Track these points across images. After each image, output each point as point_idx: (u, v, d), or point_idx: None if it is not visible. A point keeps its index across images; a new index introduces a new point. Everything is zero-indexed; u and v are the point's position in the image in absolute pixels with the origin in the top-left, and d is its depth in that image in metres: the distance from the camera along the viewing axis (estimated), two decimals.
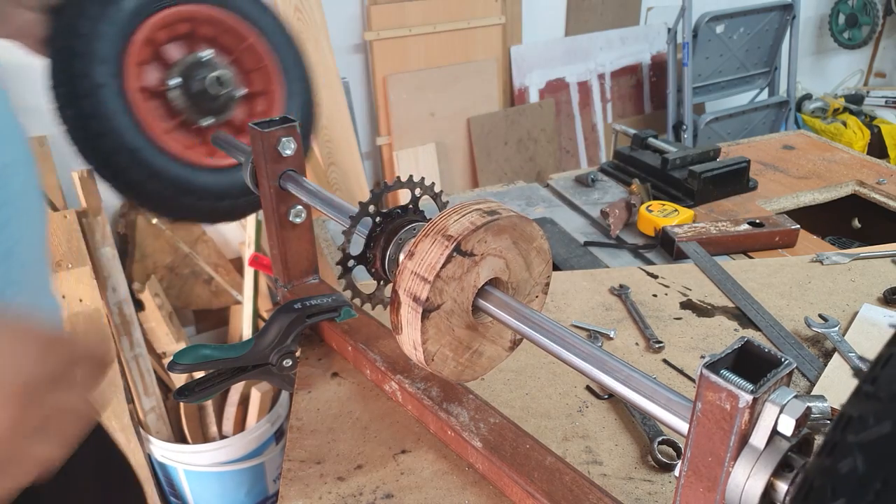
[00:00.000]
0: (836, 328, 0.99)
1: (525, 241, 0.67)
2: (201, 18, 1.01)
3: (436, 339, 0.65)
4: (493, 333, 0.71)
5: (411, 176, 0.78)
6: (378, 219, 0.76)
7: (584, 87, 3.46)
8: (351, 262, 0.76)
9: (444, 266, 0.61)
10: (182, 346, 2.09)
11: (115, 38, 0.92)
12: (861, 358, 0.94)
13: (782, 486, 0.43)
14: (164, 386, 2.09)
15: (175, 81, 1.00)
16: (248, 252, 2.23)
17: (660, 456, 0.77)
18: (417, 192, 0.78)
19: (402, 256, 0.67)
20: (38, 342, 0.47)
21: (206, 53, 1.02)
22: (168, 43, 1.00)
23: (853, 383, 0.93)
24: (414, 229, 0.75)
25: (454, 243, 0.61)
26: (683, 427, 0.49)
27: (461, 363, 0.69)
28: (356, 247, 0.77)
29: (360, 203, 0.75)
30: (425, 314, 0.62)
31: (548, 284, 0.74)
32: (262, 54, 1.05)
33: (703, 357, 0.96)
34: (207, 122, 1.03)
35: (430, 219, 0.66)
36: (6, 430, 0.44)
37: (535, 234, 0.68)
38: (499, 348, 0.73)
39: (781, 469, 0.43)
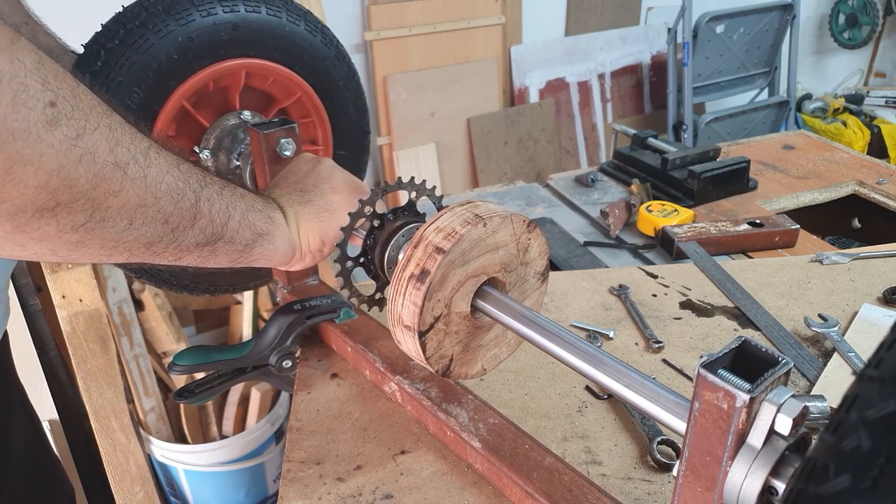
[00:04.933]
0: (836, 328, 0.99)
1: (504, 245, 0.67)
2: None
3: (437, 347, 0.65)
4: (496, 329, 0.71)
5: (412, 178, 0.78)
6: (375, 221, 0.75)
7: (584, 87, 3.46)
8: (349, 264, 0.76)
9: (423, 304, 0.61)
10: (182, 346, 2.09)
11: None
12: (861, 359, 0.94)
13: (780, 486, 0.43)
14: (164, 386, 2.09)
15: (205, 154, 0.94)
16: None
17: (659, 456, 0.77)
18: (414, 195, 0.78)
19: (400, 256, 0.67)
20: None
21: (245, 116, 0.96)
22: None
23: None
24: (408, 233, 0.75)
25: (424, 288, 0.62)
26: (681, 427, 0.49)
27: (467, 361, 0.70)
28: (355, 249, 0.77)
29: (360, 200, 0.75)
30: (420, 335, 0.63)
31: (546, 274, 0.74)
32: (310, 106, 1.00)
33: (701, 357, 0.96)
34: None
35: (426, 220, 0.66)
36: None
37: (509, 235, 0.67)
38: (506, 340, 0.73)
39: (779, 468, 0.43)
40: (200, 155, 0.94)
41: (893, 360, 0.32)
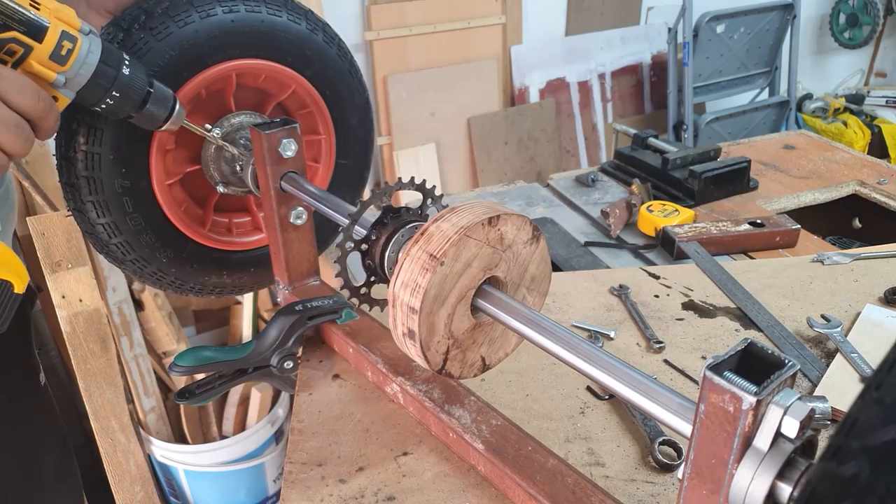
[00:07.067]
0: (839, 329, 0.99)
1: (476, 256, 0.65)
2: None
3: (462, 364, 0.65)
4: (496, 328, 0.71)
5: (412, 178, 0.78)
6: (375, 222, 0.75)
7: (584, 87, 3.46)
8: (349, 245, 0.76)
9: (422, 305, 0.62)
10: (182, 346, 2.08)
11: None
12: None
13: (786, 489, 0.43)
14: (165, 386, 2.08)
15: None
16: None
17: (660, 456, 0.77)
18: (429, 201, 0.78)
19: (400, 255, 0.67)
20: None
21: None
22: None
23: (855, 384, 0.92)
24: (407, 232, 0.75)
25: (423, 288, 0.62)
26: (686, 428, 0.48)
27: (498, 348, 0.70)
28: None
29: (373, 191, 0.75)
30: (441, 371, 0.65)
31: (537, 235, 0.72)
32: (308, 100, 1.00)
33: (705, 358, 0.96)
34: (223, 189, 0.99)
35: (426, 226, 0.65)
36: None
37: (474, 247, 0.64)
38: (506, 339, 0.73)
39: (785, 471, 0.43)
40: (214, 132, 0.92)
41: (895, 384, 0.31)
